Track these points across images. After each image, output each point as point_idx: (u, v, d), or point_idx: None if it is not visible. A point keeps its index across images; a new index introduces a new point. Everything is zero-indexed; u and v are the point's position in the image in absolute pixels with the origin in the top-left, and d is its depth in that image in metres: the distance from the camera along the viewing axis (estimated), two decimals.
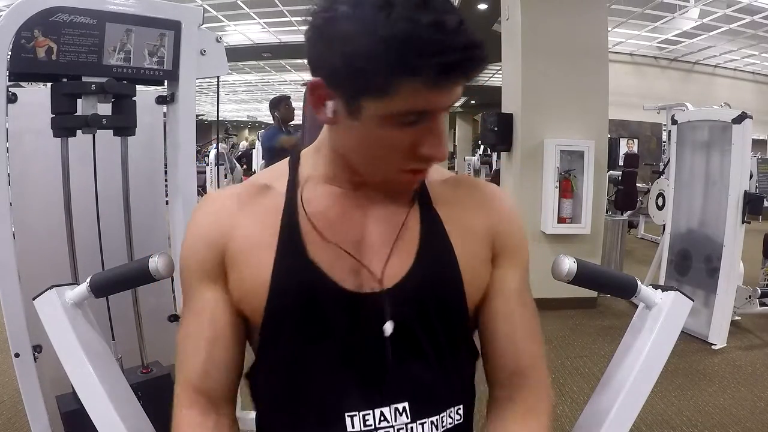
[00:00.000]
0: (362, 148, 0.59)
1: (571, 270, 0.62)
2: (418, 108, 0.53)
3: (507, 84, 4.32)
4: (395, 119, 0.53)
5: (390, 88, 0.51)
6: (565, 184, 3.95)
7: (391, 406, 0.62)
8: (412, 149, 0.56)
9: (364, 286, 0.62)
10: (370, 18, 0.49)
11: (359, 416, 0.61)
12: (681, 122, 3.63)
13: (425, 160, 0.58)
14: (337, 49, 0.51)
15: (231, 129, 16.08)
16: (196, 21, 1.27)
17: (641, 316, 0.68)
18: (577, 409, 2.50)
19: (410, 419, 0.62)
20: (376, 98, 0.52)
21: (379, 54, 0.49)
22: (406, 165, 0.58)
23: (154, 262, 0.63)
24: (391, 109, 0.52)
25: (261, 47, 10.93)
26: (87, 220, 1.27)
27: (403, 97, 0.51)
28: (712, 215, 3.33)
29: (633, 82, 10.35)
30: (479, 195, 0.70)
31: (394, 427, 0.62)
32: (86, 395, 0.65)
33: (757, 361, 3.05)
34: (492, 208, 0.69)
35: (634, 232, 6.81)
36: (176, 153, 1.31)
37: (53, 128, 1.13)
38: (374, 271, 0.62)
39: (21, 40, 1.05)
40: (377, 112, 0.53)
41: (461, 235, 0.66)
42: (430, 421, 0.63)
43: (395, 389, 0.62)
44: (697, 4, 8.07)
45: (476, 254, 0.67)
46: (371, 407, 0.61)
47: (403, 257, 0.63)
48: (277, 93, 20.37)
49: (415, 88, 0.50)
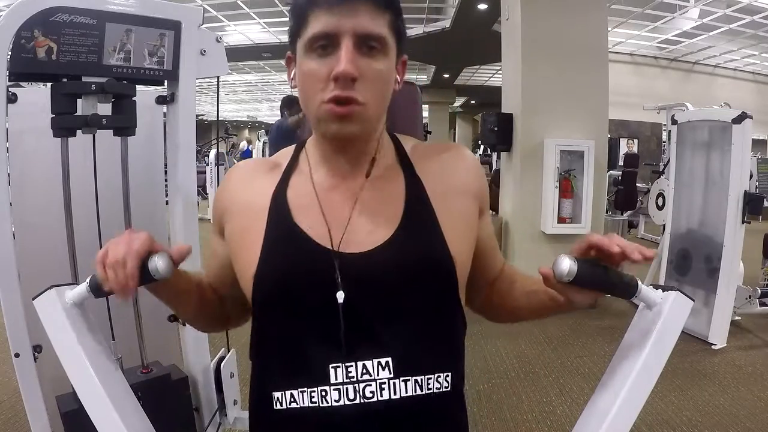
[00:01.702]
0: (301, 90, 0.70)
1: (571, 270, 0.60)
2: (323, 30, 0.64)
3: (507, 84, 4.32)
4: (311, 48, 0.66)
5: (305, 20, 0.66)
6: (565, 184, 3.95)
7: (374, 360, 0.64)
8: (327, 79, 0.65)
9: (344, 247, 0.68)
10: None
11: (342, 368, 0.65)
12: (681, 122, 3.63)
13: (335, 81, 0.64)
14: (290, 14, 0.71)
15: (231, 129, 16.10)
16: (196, 21, 1.27)
17: (642, 316, 0.67)
18: (577, 409, 2.49)
19: (393, 375, 0.64)
20: (301, 35, 0.67)
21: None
22: (325, 95, 0.65)
23: (153, 262, 0.63)
24: (307, 37, 0.66)
25: (261, 47, 10.94)
26: (87, 220, 1.27)
27: (312, 26, 0.65)
28: (712, 215, 3.33)
29: (633, 82, 10.35)
30: (454, 162, 0.78)
31: (376, 381, 0.64)
32: (86, 396, 0.65)
33: (757, 361, 3.05)
34: (467, 168, 0.78)
35: (634, 232, 6.81)
36: (176, 153, 1.31)
37: (53, 128, 1.13)
38: (357, 233, 0.69)
39: (21, 40, 1.05)
40: (301, 47, 0.68)
41: (444, 200, 0.73)
42: (414, 380, 0.65)
43: (377, 344, 0.65)
44: (697, 4, 8.07)
45: (462, 215, 0.74)
46: (353, 360, 0.64)
47: (387, 223, 0.69)
48: (276, 93, 20.24)
49: (317, 15, 0.65)
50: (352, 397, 0.64)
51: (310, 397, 0.65)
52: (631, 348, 0.65)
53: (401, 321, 0.67)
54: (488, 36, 8.18)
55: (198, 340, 1.39)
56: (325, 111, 0.66)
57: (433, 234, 0.70)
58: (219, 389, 1.42)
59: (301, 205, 0.72)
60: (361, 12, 0.64)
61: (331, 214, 0.70)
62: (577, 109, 3.96)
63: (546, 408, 2.52)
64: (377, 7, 0.65)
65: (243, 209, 0.75)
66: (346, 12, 0.63)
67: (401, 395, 0.64)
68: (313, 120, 0.70)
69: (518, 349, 3.27)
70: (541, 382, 2.80)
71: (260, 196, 0.73)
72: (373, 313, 0.66)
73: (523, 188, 4.00)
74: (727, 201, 3.15)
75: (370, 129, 0.72)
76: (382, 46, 0.66)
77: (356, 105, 0.65)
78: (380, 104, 0.70)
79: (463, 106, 20.85)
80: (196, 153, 1.39)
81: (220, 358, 1.43)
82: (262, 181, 0.76)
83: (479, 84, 15.68)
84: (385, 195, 0.72)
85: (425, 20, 8.93)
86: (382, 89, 0.69)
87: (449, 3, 8.46)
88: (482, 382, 2.75)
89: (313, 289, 0.67)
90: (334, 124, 0.67)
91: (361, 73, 0.65)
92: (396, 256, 0.67)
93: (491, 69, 13.17)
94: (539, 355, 3.16)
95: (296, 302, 0.68)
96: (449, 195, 0.74)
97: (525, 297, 0.79)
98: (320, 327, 0.66)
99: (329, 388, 0.64)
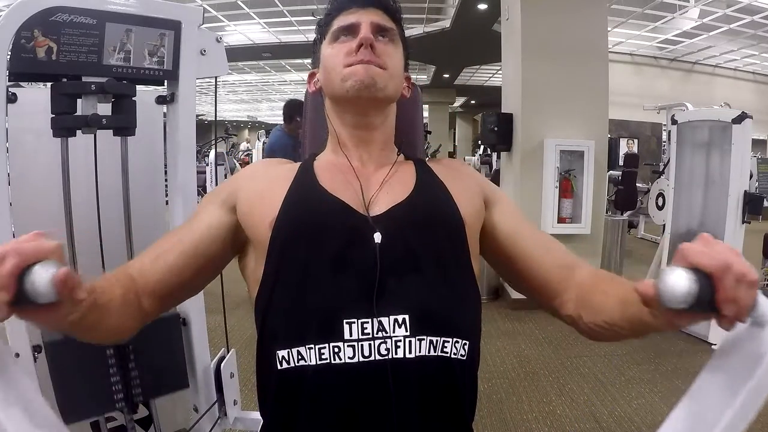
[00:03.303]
0: (324, 69, 0.80)
1: (690, 292, 0.45)
2: (346, 23, 0.78)
3: (507, 84, 4.32)
4: (334, 37, 0.79)
5: (329, 26, 0.80)
6: (565, 184, 3.95)
7: (390, 317, 0.64)
8: (350, 52, 0.76)
9: (364, 209, 0.72)
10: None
11: (358, 324, 0.63)
12: (681, 122, 3.63)
13: (357, 49, 0.75)
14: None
15: (231, 129, 16.09)
16: (196, 21, 1.27)
17: (749, 334, 0.51)
18: (577, 409, 2.50)
19: (409, 332, 0.64)
20: (326, 37, 0.81)
21: (320, 21, 0.84)
22: (348, 60, 0.76)
23: (30, 277, 0.47)
24: (331, 31, 0.80)
25: (261, 47, 10.94)
26: (87, 220, 1.27)
27: (336, 23, 0.79)
28: (712, 215, 3.33)
29: (633, 82, 10.35)
30: (458, 166, 0.88)
31: (392, 338, 0.63)
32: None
33: None
34: (470, 174, 0.87)
35: (634, 232, 6.81)
36: (176, 153, 1.31)
37: (53, 128, 1.13)
38: (374, 198, 0.74)
39: (21, 40, 1.05)
40: (326, 42, 0.80)
41: (454, 182, 0.80)
42: (429, 341, 0.64)
43: (394, 301, 0.65)
44: (697, 4, 8.07)
45: (469, 195, 0.80)
46: (370, 316, 0.64)
47: (402, 189, 0.76)
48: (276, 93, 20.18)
49: (339, 19, 0.79)
50: (366, 354, 0.63)
51: (319, 354, 0.63)
52: (733, 374, 0.51)
53: (419, 274, 0.68)
54: (488, 36, 8.18)
55: (198, 340, 1.39)
56: (350, 70, 0.75)
57: (442, 193, 0.78)
58: (219, 389, 1.42)
59: (325, 176, 0.78)
60: (375, 14, 0.79)
61: (354, 182, 0.76)
62: (577, 109, 3.96)
63: (546, 408, 2.52)
64: (387, 12, 0.80)
65: (263, 178, 0.80)
66: (364, 13, 0.78)
67: (416, 354, 0.63)
68: (338, 82, 0.77)
69: (518, 349, 3.27)
70: (541, 382, 2.80)
71: (283, 174, 0.80)
72: (392, 266, 0.67)
73: (523, 188, 4.00)
74: (727, 201, 3.15)
75: (387, 98, 0.79)
76: (393, 36, 0.80)
77: (377, 65, 0.75)
78: (396, 79, 0.79)
79: (463, 106, 20.85)
80: (196, 153, 1.39)
81: (220, 358, 1.43)
82: (282, 168, 0.83)
83: (479, 84, 15.68)
84: (398, 174, 0.80)
85: (425, 20, 8.93)
86: (397, 66, 0.79)
87: (449, 3, 8.46)
88: (482, 382, 2.75)
89: (335, 235, 0.69)
90: (358, 76, 0.74)
91: (378, 48, 0.76)
92: (411, 210, 0.73)
93: (491, 69, 13.17)
94: (539, 355, 3.17)
95: (318, 246, 0.69)
96: (456, 177, 0.82)
97: (620, 311, 0.64)
98: (342, 276, 0.66)
99: (342, 344, 0.63)
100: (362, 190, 0.75)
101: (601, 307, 0.67)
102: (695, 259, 0.46)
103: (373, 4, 0.79)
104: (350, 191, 0.74)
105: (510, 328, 3.66)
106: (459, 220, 0.74)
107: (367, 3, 0.79)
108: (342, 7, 0.79)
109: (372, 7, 0.79)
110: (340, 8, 0.80)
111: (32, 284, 0.45)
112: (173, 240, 0.78)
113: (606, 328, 0.67)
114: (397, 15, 0.82)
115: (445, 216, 0.74)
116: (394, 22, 0.81)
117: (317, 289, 0.67)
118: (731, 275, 0.45)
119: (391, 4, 0.81)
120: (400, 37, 0.82)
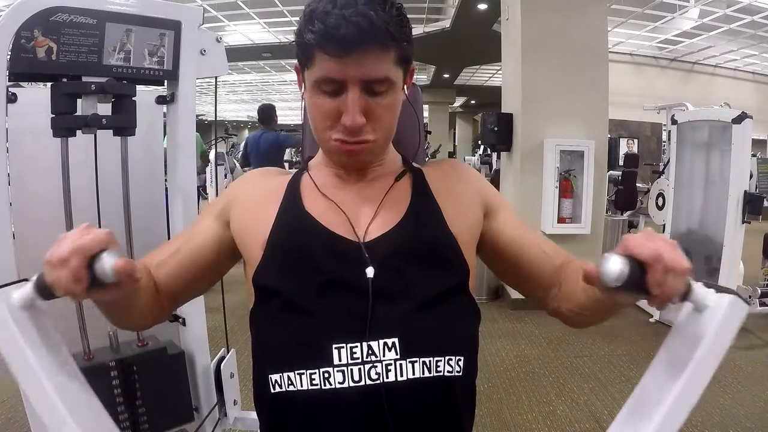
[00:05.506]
0: (311, 118, 0.72)
1: (621, 275, 0.52)
2: (330, 75, 0.65)
3: (507, 84, 4.32)
4: (318, 87, 0.67)
5: (311, 59, 0.66)
6: (565, 184, 3.95)
7: (380, 341, 0.63)
8: (336, 118, 0.67)
9: (352, 235, 0.71)
10: (308, 7, 0.65)
11: (347, 348, 0.63)
12: (681, 122, 3.63)
13: (342, 128, 0.68)
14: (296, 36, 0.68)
15: (231, 129, 16.08)
16: (196, 21, 1.27)
17: (690, 319, 0.58)
18: (577, 409, 2.50)
19: (399, 356, 0.63)
20: (308, 68, 0.67)
21: (302, 29, 0.65)
22: (333, 133, 0.69)
23: (101, 263, 0.56)
24: (315, 76, 0.66)
25: (261, 47, 10.93)
26: (87, 220, 1.26)
27: (319, 66, 0.65)
28: (712, 215, 3.33)
29: (633, 82, 10.34)
30: (457, 173, 0.84)
31: (382, 362, 0.63)
32: (38, 403, 0.57)
33: (757, 361, 3.05)
34: (470, 179, 0.83)
35: (634, 232, 6.81)
36: (176, 153, 1.31)
37: (53, 128, 1.13)
38: (362, 224, 0.72)
39: (21, 40, 1.05)
40: (309, 80, 0.68)
41: (449, 199, 0.77)
42: (423, 362, 0.64)
43: (384, 325, 0.64)
44: (697, 4, 8.06)
45: (463, 210, 0.77)
46: (359, 340, 0.63)
47: (392, 214, 0.73)
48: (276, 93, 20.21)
49: (323, 58, 0.64)
50: (357, 378, 0.62)
51: (310, 379, 0.63)
52: (679, 354, 0.57)
53: (409, 299, 0.66)
54: (488, 36, 8.18)
55: (198, 340, 1.39)
56: (336, 146, 0.70)
57: (435, 217, 0.75)
58: (219, 389, 1.42)
59: (310, 196, 0.76)
60: (367, 58, 0.63)
61: (343, 206, 0.74)
62: (577, 109, 3.96)
63: (546, 408, 2.52)
64: (382, 47, 0.64)
65: (256, 192, 0.80)
66: (351, 61, 0.63)
67: (408, 377, 0.63)
68: (324, 150, 0.76)
69: (518, 349, 3.27)
70: (541, 382, 2.80)
71: (275, 188, 0.79)
72: (382, 292, 0.66)
73: (523, 188, 4.00)
74: (727, 201, 3.15)
75: (380, 155, 0.78)
76: (389, 85, 0.67)
77: (366, 143, 0.70)
78: (389, 134, 0.74)
79: (463, 106, 20.84)
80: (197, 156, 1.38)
81: (220, 358, 1.43)
82: (275, 181, 0.81)
83: (479, 84, 15.67)
84: (393, 193, 0.77)
85: (425, 20, 8.93)
86: (390, 121, 0.72)
87: (449, 3, 8.45)
88: (482, 382, 2.75)
89: (323, 260, 0.68)
90: (344, 157, 0.72)
91: (369, 114, 0.67)
92: (402, 239, 0.71)
93: (491, 69, 13.17)
94: (539, 355, 3.16)
95: (306, 272, 0.68)
96: (452, 190, 0.79)
97: (584, 293, 0.69)
98: (332, 304, 0.66)
99: (332, 370, 0.62)
100: (351, 218, 0.73)
101: (574, 294, 0.71)
102: (632, 249, 0.53)
103: (364, 44, 0.62)
104: (340, 216, 0.73)
105: (510, 328, 3.66)
106: (452, 245, 0.73)
107: (356, 43, 0.61)
108: (323, 44, 0.62)
109: (363, 47, 0.62)
110: (321, 43, 0.63)
111: (102, 271, 0.55)
112: (171, 249, 0.81)
113: (578, 313, 0.72)
114: (396, 41, 0.65)
115: (436, 244, 0.72)
116: (392, 44, 0.65)
117: (306, 314, 0.66)
118: (660, 264, 0.51)
119: (387, 34, 0.63)
120: (400, 59, 0.67)
